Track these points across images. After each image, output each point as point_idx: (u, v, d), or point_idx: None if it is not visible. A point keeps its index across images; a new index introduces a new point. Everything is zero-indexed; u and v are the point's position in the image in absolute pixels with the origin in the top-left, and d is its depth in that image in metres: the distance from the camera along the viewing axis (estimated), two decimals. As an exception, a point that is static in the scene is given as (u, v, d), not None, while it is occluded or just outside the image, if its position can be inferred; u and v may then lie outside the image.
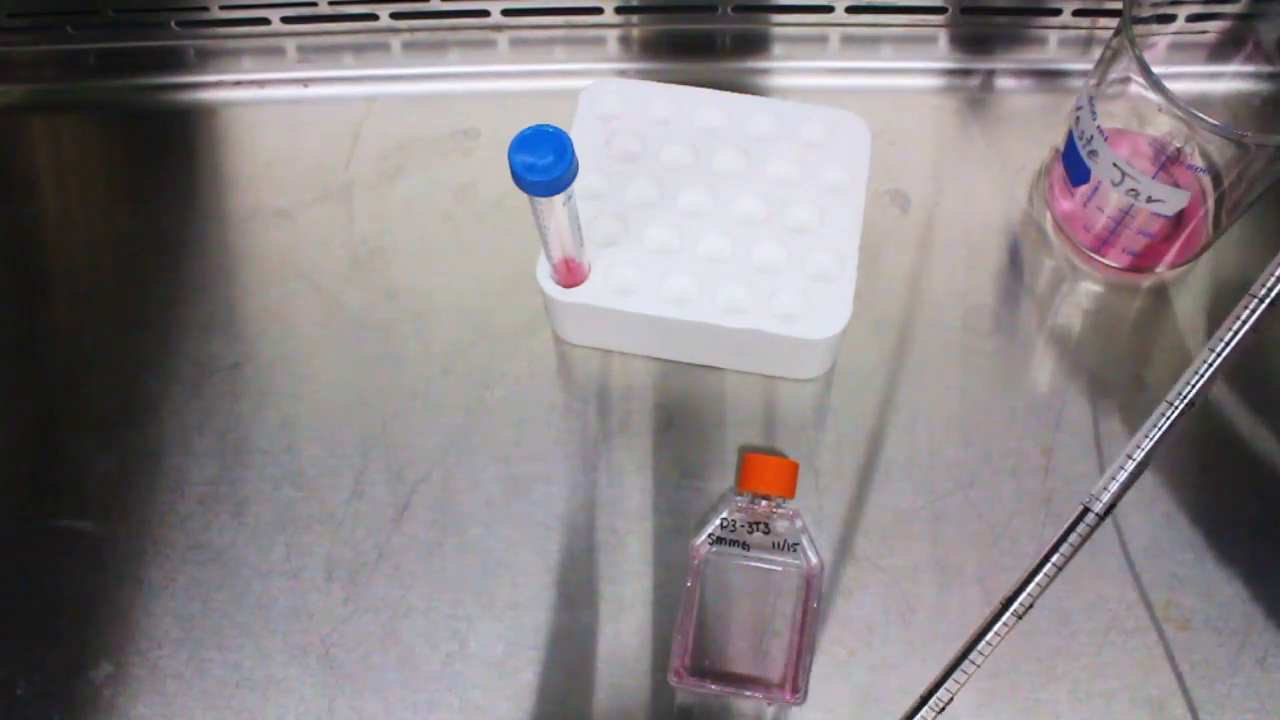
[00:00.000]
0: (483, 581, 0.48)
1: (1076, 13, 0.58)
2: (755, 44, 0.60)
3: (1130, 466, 0.34)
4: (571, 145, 0.38)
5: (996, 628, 0.34)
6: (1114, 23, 0.45)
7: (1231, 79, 0.55)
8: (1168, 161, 0.49)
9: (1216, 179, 0.48)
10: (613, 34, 0.60)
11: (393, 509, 0.49)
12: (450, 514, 0.49)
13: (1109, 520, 0.49)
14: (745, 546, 0.45)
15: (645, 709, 0.45)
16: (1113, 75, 0.47)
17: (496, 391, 0.51)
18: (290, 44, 0.60)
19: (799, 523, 0.45)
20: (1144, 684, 0.46)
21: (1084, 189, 0.50)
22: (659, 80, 0.52)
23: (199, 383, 0.52)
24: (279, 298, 0.54)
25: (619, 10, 0.59)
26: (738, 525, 0.45)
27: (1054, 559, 0.34)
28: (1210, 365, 0.34)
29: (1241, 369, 0.52)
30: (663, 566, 0.48)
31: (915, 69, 0.59)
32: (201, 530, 0.49)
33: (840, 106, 0.52)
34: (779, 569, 0.44)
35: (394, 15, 0.59)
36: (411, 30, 0.60)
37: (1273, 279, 0.33)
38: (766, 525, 0.45)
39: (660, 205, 0.49)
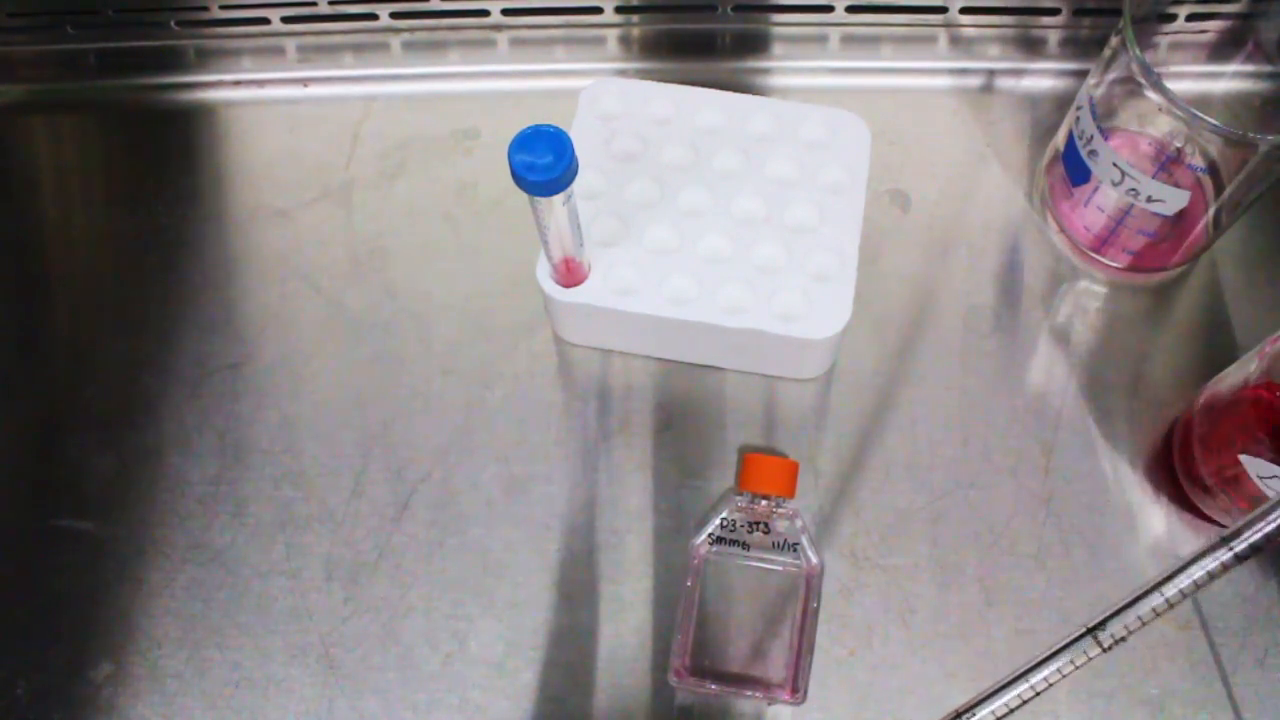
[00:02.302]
0: (483, 581, 0.48)
1: (1076, 13, 0.58)
2: (755, 44, 0.60)
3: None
4: (571, 145, 0.38)
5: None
6: (1114, 22, 0.45)
7: (1231, 79, 0.55)
8: (1168, 161, 0.49)
9: (1216, 179, 0.48)
10: (613, 34, 0.60)
11: (393, 509, 0.49)
12: (450, 514, 0.49)
13: (1110, 520, 0.50)
14: (745, 546, 0.45)
15: (645, 709, 0.45)
16: (1113, 75, 0.47)
17: (496, 391, 0.51)
18: (290, 44, 0.60)
19: (799, 523, 0.45)
20: (1144, 684, 0.46)
21: (1084, 189, 0.50)
22: (659, 80, 0.52)
23: (199, 383, 0.52)
24: (279, 298, 0.54)
25: (619, 10, 0.59)
26: (738, 525, 0.45)
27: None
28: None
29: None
30: (663, 566, 0.48)
31: (915, 69, 0.59)
32: (201, 530, 0.49)
33: (840, 106, 0.52)
34: (779, 569, 0.44)
35: (394, 15, 0.59)
36: (411, 30, 0.60)
37: None
38: (766, 525, 0.45)
39: (660, 205, 0.49)
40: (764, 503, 0.45)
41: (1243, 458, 0.41)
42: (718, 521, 0.45)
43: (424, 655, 0.46)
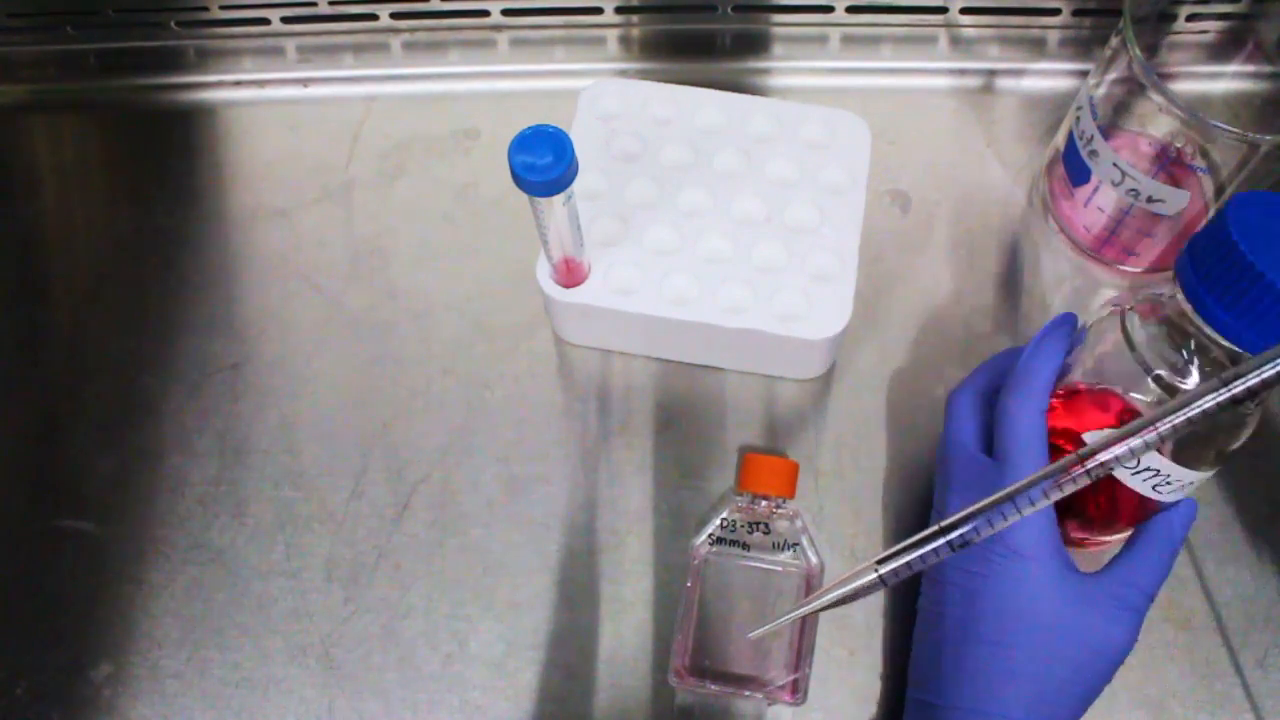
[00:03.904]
0: (483, 581, 0.48)
1: (1076, 13, 0.58)
2: (755, 44, 0.60)
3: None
4: (571, 145, 0.38)
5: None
6: (1114, 22, 0.45)
7: (1231, 79, 0.55)
8: (1168, 161, 0.49)
9: (1217, 179, 0.48)
10: (613, 34, 0.60)
11: (393, 509, 0.49)
12: (450, 514, 0.49)
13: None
14: (745, 546, 0.45)
15: (645, 709, 0.45)
16: (1113, 75, 0.47)
17: (496, 391, 0.51)
18: (290, 44, 0.60)
19: (799, 523, 0.45)
20: (1144, 684, 0.46)
21: (1084, 189, 0.50)
22: (659, 80, 0.52)
23: (199, 383, 0.52)
24: (279, 298, 0.54)
25: (619, 10, 0.59)
26: (738, 525, 0.45)
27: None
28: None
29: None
30: (663, 566, 0.48)
31: (915, 69, 0.59)
32: (201, 530, 0.49)
33: (840, 106, 0.52)
34: (779, 569, 0.44)
35: (394, 15, 0.59)
36: (411, 30, 0.60)
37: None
38: (766, 525, 0.45)
39: (660, 205, 0.49)
40: (764, 503, 0.45)
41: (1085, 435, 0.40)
42: (718, 522, 0.45)
43: (424, 655, 0.46)
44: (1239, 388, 0.31)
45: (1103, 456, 0.32)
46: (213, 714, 0.46)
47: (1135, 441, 0.32)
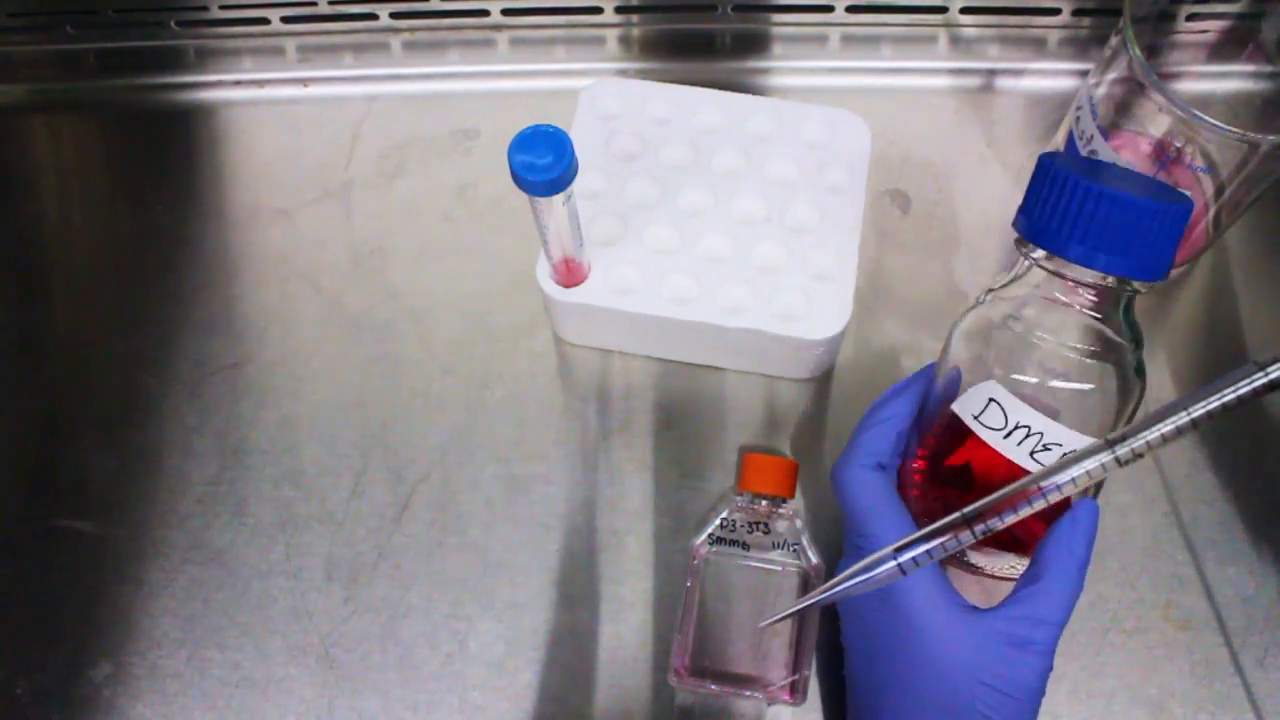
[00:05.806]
0: (483, 581, 0.48)
1: (1076, 13, 0.58)
2: (755, 44, 0.60)
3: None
4: (571, 145, 0.38)
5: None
6: (1114, 22, 0.45)
7: (1231, 79, 0.55)
8: (1168, 161, 0.49)
9: (1216, 179, 0.48)
10: (613, 34, 0.60)
11: (393, 509, 0.49)
12: (450, 514, 0.49)
13: (1109, 520, 0.49)
14: (745, 546, 0.45)
15: (645, 709, 0.45)
16: (1113, 75, 0.47)
17: (496, 391, 0.51)
18: (290, 44, 0.60)
19: (799, 523, 0.45)
20: (1144, 684, 0.46)
21: (1084, 189, 0.50)
22: (659, 80, 0.52)
23: (199, 383, 0.52)
24: (279, 298, 0.54)
25: (619, 10, 0.59)
26: (738, 525, 0.45)
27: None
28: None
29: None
30: (663, 566, 0.48)
31: (915, 69, 0.59)
32: (201, 530, 0.49)
33: (840, 106, 0.52)
34: (779, 569, 0.44)
35: (394, 15, 0.59)
36: (411, 30, 0.60)
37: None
38: (766, 525, 0.45)
39: (660, 205, 0.49)
40: (764, 503, 0.45)
41: (953, 407, 0.39)
42: (718, 521, 0.45)
43: (424, 655, 0.46)
44: (1275, 373, 0.30)
45: (1147, 436, 0.32)
46: (213, 714, 0.46)
47: (1168, 428, 0.32)
